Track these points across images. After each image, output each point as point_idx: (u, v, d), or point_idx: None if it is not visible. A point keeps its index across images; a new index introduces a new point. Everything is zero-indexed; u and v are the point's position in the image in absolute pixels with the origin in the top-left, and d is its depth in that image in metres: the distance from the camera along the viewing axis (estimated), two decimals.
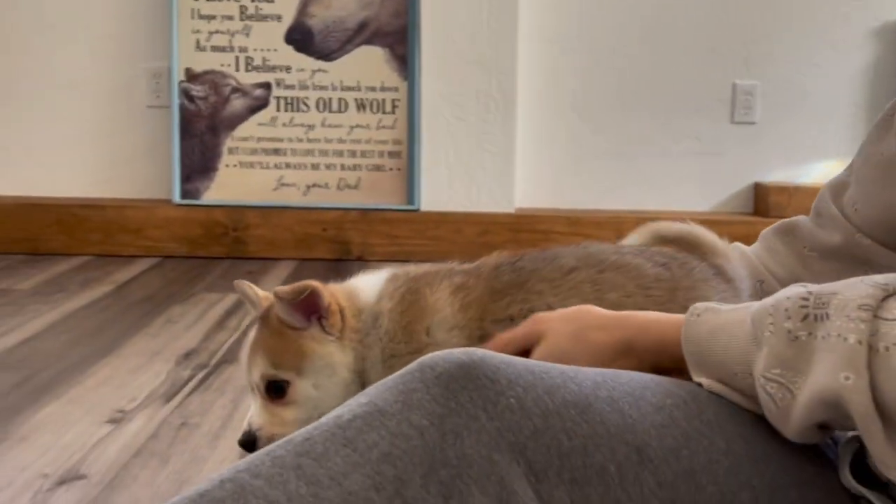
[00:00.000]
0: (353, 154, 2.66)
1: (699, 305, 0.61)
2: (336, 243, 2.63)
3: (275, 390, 0.74)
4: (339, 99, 2.65)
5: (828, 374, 0.49)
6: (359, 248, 2.64)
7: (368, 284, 0.81)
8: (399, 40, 2.64)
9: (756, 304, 0.56)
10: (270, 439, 0.72)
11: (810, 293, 0.53)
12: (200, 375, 1.55)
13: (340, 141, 2.66)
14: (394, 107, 2.66)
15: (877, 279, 0.52)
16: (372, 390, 0.53)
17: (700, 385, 0.59)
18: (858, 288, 0.51)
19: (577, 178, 2.81)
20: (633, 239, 0.88)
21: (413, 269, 0.83)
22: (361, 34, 2.65)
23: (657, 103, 2.77)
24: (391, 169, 2.67)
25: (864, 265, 0.79)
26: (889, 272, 0.78)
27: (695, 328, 0.60)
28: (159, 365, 1.60)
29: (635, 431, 0.53)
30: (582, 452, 0.51)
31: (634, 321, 0.66)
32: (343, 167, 2.67)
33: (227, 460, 1.20)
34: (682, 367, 0.61)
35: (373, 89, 2.66)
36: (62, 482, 1.11)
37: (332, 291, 0.78)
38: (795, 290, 0.54)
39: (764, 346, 0.53)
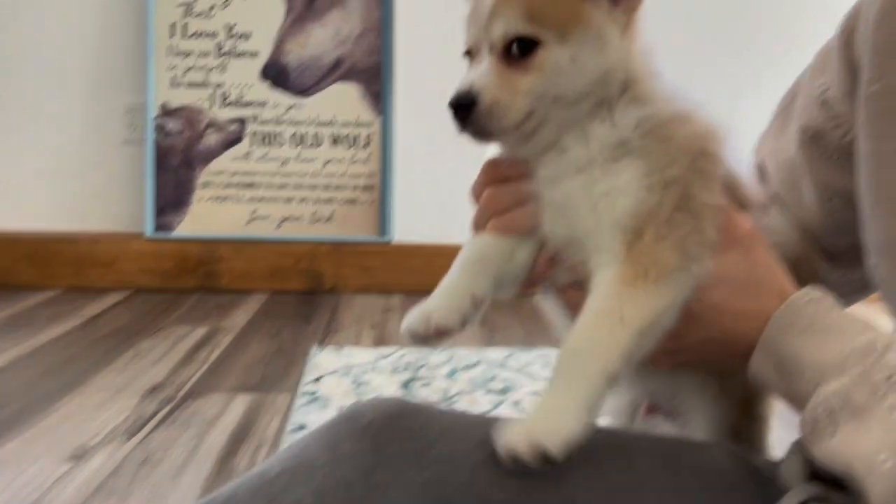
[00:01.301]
0: (326, 188, 2.69)
1: (815, 291, 0.56)
2: (309, 275, 2.64)
3: (519, 50, 0.57)
4: (314, 134, 2.68)
5: (870, 445, 0.46)
6: (331, 280, 2.65)
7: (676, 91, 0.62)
8: (373, 77, 2.69)
9: (869, 336, 0.51)
10: (493, 105, 0.58)
11: None
12: (166, 410, 1.54)
13: (314, 175, 2.69)
14: (368, 142, 2.69)
15: None
16: (301, 442, 0.51)
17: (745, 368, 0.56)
18: None
19: None
20: None
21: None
22: (336, 71, 2.69)
23: None
24: (365, 202, 2.70)
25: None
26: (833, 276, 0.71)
27: (798, 310, 0.54)
28: (124, 400, 1.59)
29: (563, 484, 0.52)
30: None
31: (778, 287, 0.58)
32: (317, 201, 2.69)
33: (187, 497, 1.20)
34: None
35: (347, 125, 2.69)
36: None
37: None
38: None
39: (846, 377, 0.50)
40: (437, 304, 0.59)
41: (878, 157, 0.59)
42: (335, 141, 2.69)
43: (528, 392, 1.76)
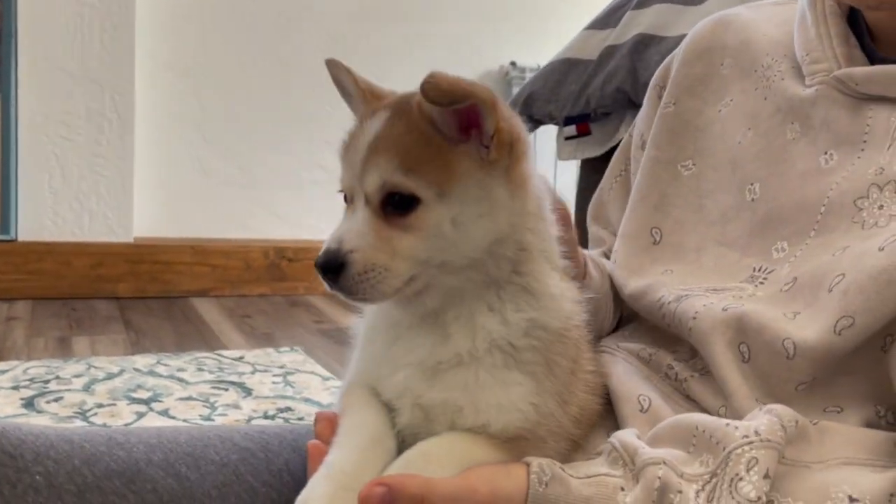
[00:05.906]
0: None
1: (545, 470, 0.50)
2: None
3: (396, 205, 0.50)
4: None
5: None
6: None
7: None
8: None
9: (623, 499, 0.49)
10: (366, 269, 0.49)
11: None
12: None
13: None
14: None
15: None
16: None
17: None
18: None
19: (203, 206, 2.70)
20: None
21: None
22: None
23: (284, 134, 2.79)
24: None
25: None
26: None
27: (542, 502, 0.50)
28: None
29: (193, 496, 0.51)
30: None
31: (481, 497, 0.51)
32: None
33: None
34: None
35: None
36: None
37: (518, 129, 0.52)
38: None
39: None
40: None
41: (655, 162, 0.70)
42: None
43: (178, 399, 1.64)
